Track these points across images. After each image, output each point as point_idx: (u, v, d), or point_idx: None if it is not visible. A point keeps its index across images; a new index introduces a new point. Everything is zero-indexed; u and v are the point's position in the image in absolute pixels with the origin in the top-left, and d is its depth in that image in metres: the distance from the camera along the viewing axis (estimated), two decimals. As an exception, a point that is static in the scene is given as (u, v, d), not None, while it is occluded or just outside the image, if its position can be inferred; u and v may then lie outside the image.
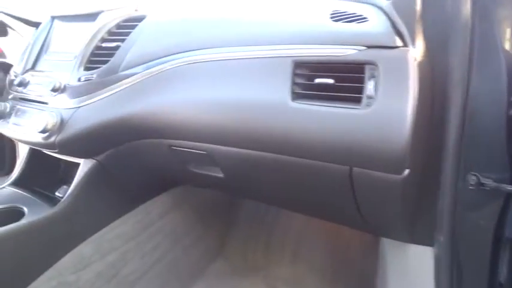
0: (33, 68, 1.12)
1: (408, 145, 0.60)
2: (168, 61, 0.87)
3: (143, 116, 0.88)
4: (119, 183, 1.08)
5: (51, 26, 1.15)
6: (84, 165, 1.02)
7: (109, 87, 0.92)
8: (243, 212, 1.61)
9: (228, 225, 1.58)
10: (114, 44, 0.97)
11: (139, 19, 0.98)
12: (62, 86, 0.97)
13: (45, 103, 1.00)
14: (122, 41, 0.96)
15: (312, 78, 0.70)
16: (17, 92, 1.09)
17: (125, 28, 0.99)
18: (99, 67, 0.95)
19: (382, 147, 0.62)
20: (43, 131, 0.93)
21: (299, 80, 0.71)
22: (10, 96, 1.12)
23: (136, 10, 1.05)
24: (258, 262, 1.47)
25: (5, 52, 1.43)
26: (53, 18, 1.15)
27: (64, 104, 0.96)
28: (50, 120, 0.93)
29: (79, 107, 0.94)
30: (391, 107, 0.61)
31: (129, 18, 1.01)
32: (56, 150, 0.97)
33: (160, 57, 0.89)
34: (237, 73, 0.79)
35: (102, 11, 1.03)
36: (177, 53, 0.87)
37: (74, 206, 0.98)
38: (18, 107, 1.06)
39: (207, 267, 1.44)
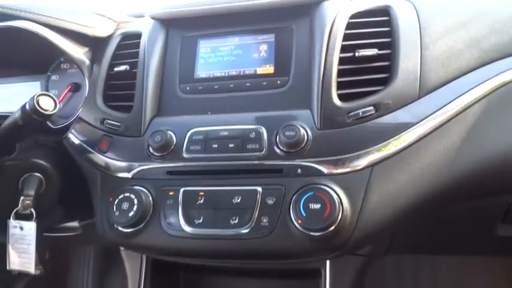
0: (160, 112, 0.62)
1: None
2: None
3: None
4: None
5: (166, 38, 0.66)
6: None
7: (414, 126, 0.52)
8: None
9: None
10: (384, 52, 0.57)
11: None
12: (308, 137, 0.53)
13: (276, 171, 0.54)
14: (388, 46, 0.56)
15: None
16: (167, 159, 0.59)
17: (378, 25, 0.59)
18: (367, 92, 0.54)
19: None
20: (324, 229, 0.50)
21: None
22: (146, 168, 0.60)
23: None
24: None
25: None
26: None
27: (334, 168, 0.54)
28: (335, 205, 0.51)
29: (375, 163, 0.54)
30: None
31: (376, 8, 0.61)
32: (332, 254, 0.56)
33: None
34: None
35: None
36: None
37: None
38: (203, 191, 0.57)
39: None
